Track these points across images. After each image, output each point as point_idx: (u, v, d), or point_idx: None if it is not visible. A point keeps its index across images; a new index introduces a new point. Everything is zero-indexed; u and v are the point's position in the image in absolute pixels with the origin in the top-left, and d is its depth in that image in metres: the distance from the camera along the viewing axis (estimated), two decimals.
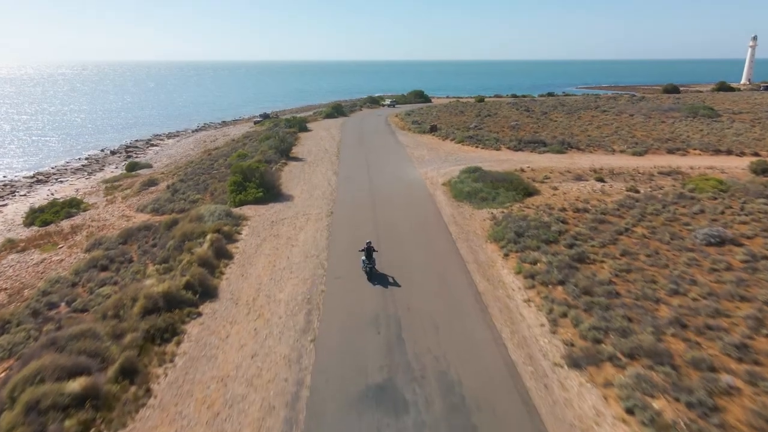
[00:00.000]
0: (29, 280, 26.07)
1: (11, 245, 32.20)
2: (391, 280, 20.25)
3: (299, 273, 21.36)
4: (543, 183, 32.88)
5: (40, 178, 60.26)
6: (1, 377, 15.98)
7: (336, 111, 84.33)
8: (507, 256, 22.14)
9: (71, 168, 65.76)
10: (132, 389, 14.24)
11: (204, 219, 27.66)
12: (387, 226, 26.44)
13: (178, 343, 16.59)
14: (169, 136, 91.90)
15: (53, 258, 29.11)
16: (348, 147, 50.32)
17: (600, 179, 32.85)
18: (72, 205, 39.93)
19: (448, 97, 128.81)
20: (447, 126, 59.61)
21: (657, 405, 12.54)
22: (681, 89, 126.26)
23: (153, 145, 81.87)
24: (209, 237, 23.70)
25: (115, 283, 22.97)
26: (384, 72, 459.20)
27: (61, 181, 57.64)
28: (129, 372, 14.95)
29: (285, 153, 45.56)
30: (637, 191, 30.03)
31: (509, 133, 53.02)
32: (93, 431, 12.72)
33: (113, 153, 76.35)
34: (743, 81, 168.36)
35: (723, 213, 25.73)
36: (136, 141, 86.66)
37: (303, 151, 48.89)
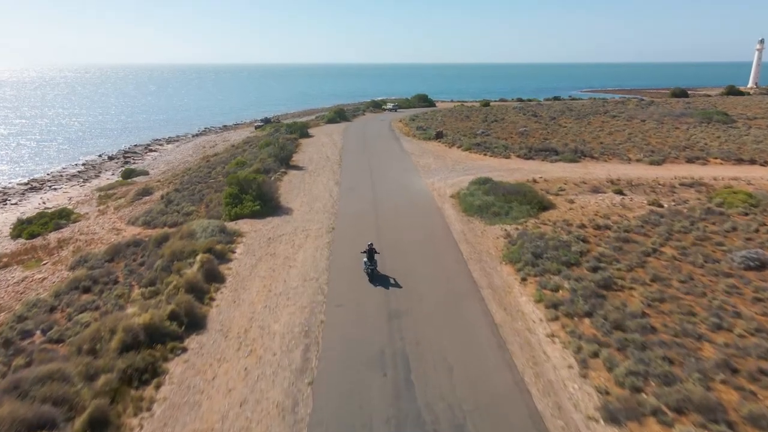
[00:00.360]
0: (7, 301, 24.18)
1: None
2: (400, 308, 18.32)
3: (297, 299, 19.42)
4: (558, 195, 30.90)
5: (34, 185, 58.48)
6: None
7: (338, 116, 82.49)
8: (525, 280, 20.17)
9: (67, 174, 63.98)
10: None
11: (196, 235, 25.75)
12: (393, 244, 24.49)
13: (158, 386, 14.65)
14: (169, 141, 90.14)
15: (35, 276, 27.24)
16: (350, 154, 48.42)
17: (619, 191, 30.85)
18: (61, 216, 38.11)
19: (452, 101, 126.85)
20: (453, 132, 57.67)
21: None
22: (689, 93, 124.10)
23: (152, 151, 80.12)
24: (199, 258, 21.79)
25: (97, 308, 21.03)
26: (387, 75, 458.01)
27: (55, 189, 55.84)
28: (99, 423, 13.05)
29: (285, 161, 43.69)
30: (661, 205, 28.05)
31: (518, 140, 51.06)
32: None
33: (111, 158, 74.59)
34: (750, 85, 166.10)
35: (757, 231, 23.72)
36: (134, 146, 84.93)
37: (304, 159, 47.01)
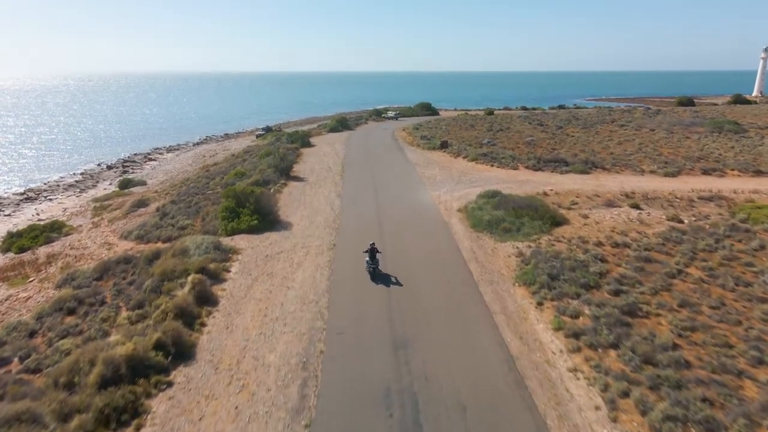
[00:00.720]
0: None
1: None
2: (407, 336, 16.81)
3: (294, 326, 17.92)
4: (571, 210, 29.41)
5: (29, 195, 57.25)
6: None
7: (340, 124, 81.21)
8: (541, 305, 18.64)
9: (64, 184, 62.77)
10: None
11: (189, 253, 24.30)
12: (398, 263, 22.99)
13: (138, 429, 13.16)
14: (169, 149, 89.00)
15: (20, 294, 25.79)
16: (353, 165, 47.02)
17: (635, 206, 29.35)
18: (53, 229, 36.73)
19: (456, 110, 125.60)
20: (458, 141, 56.26)
21: None
22: (695, 102, 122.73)
23: (151, 160, 78.97)
24: (191, 279, 20.31)
25: (80, 333, 19.55)
26: (390, 83, 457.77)
27: (50, 199, 54.58)
28: None
29: (285, 172, 42.29)
30: (681, 221, 26.53)
31: (525, 150, 49.62)
32: None
33: (110, 168, 73.44)
34: (755, 93, 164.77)
35: None
36: (134, 155, 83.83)
37: (305, 170, 45.63)
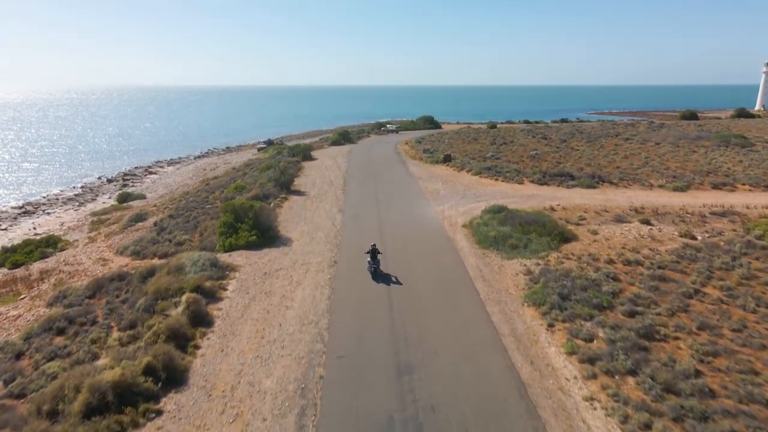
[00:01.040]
0: None
1: None
2: (411, 361, 15.88)
3: (293, 348, 17.01)
4: (579, 225, 28.55)
5: (28, 209, 56.60)
6: None
7: (342, 137, 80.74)
8: (552, 327, 17.71)
9: (63, 198, 62.15)
10: None
11: (185, 270, 23.45)
12: (402, 280, 22.13)
13: None
14: (170, 163, 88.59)
15: (10, 313, 24.90)
16: (355, 179, 46.30)
17: (645, 221, 28.47)
18: (48, 244, 35.94)
19: (458, 123, 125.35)
20: (461, 155, 55.56)
21: None
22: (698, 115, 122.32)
23: (152, 173, 78.45)
24: (185, 298, 19.43)
25: (68, 355, 18.66)
26: (391, 97, 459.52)
27: (48, 213, 53.91)
28: None
29: (285, 186, 41.54)
30: (694, 237, 25.64)
31: (530, 164, 48.86)
32: None
33: (110, 181, 72.92)
34: (758, 107, 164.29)
35: None
36: (135, 168, 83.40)
37: (306, 183, 44.90)
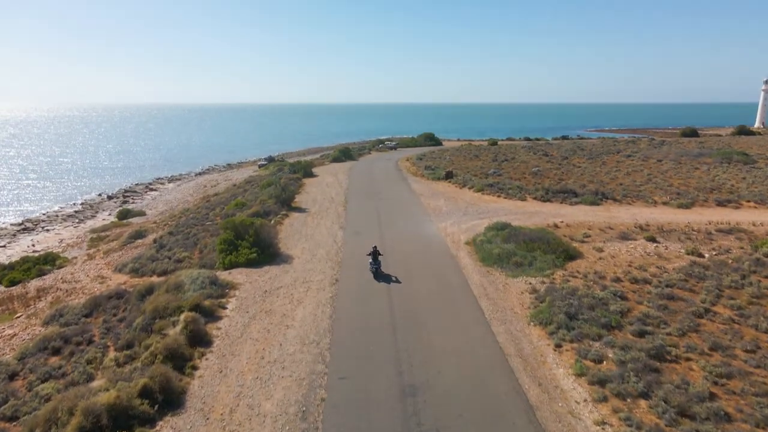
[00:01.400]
0: None
1: None
2: (415, 382, 15.40)
3: (294, 369, 16.54)
4: (584, 243, 28.17)
5: (27, 225, 56.31)
6: None
7: (343, 154, 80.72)
8: (559, 347, 17.25)
9: (63, 214, 61.87)
10: None
11: (184, 288, 23.05)
12: (403, 299, 21.72)
13: None
14: (171, 179, 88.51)
15: (6, 332, 24.45)
16: (356, 196, 46.04)
17: (651, 238, 28.10)
18: (46, 262, 35.59)
19: (459, 140, 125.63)
20: (463, 172, 55.39)
21: None
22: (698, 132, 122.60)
23: (152, 190, 78.32)
24: (183, 317, 19.00)
25: (63, 376, 18.23)
26: (392, 114, 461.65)
27: (48, 230, 53.58)
28: None
29: (286, 202, 41.26)
30: (701, 255, 25.25)
31: (532, 181, 48.65)
32: None
33: (110, 198, 72.71)
34: (757, 124, 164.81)
35: None
36: (136, 185, 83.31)
37: (307, 200, 44.63)
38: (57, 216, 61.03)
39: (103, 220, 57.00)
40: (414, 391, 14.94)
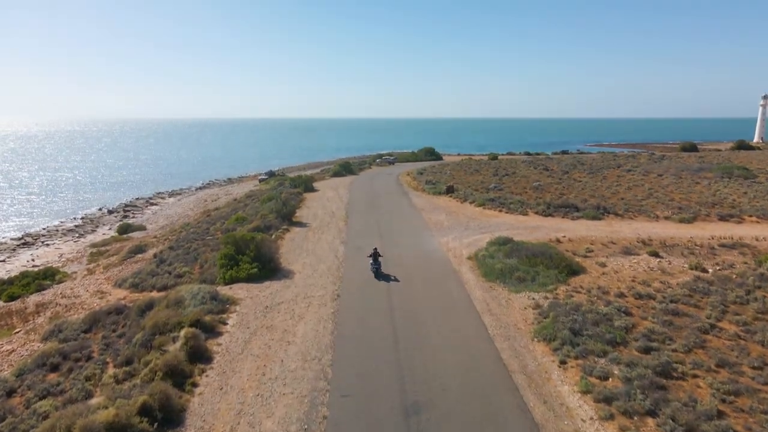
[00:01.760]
0: None
1: None
2: (418, 400, 15.18)
3: (295, 386, 16.31)
4: (586, 258, 28.04)
5: (27, 240, 56.25)
6: None
7: (344, 169, 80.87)
8: (564, 363, 17.04)
9: (63, 229, 61.82)
10: None
11: (184, 303, 22.86)
12: (406, 315, 21.52)
13: None
14: (171, 194, 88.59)
15: (4, 347, 24.28)
16: (357, 210, 45.98)
17: (654, 253, 27.98)
18: (46, 276, 35.44)
19: (459, 155, 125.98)
20: (464, 186, 55.42)
21: None
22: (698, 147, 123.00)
23: (153, 204, 78.34)
24: (184, 333, 18.80)
25: (62, 393, 17.99)
26: (392, 129, 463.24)
27: (48, 245, 53.49)
28: None
29: (287, 217, 41.18)
30: (705, 270, 25.10)
31: (533, 195, 48.63)
32: None
33: (111, 212, 72.69)
34: (756, 139, 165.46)
35: None
36: (136, 199, 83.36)
37: (308, 215, 44.56)
38: (57, 230, 60.95)
39: (104, 234, 56.90)
40: (418, 409, 14.72)
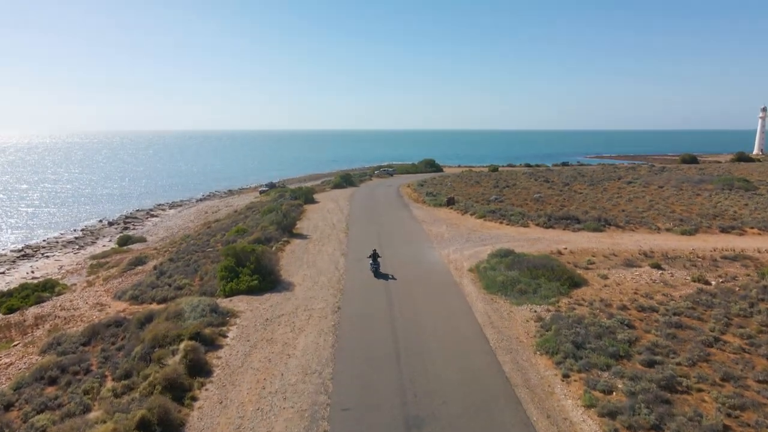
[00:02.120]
0: None
1: None
2: (420, 413, 14.99)
3: (295, 400, 16.13)
4: (588, 270, 27.91)
5: (27, 252, 56.10)
6: None
7: (345, 180, 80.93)
8: (567, 377, 16.86)
9: (63, 241, 61.71)
10: None
11: (184, 316, 22.72)
12: (407, 327, 21.37)
13: None
14: (172, 205, 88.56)
15: (2, 360, 24.03)
16: (358, 222, 45.92)
17: (656, 265, 27.86)
18: (45, 289, 35.25)
19: (459, 166, 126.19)
20: (464, 198, 55.40)
21: None
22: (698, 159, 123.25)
23: (153, 216, 78.26)
24: (183, 346, 18.66)
25: (59, 407, 17.76)
26: (392, 141, 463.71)
27: (48, 256, 53.33)
28: None
29: (288, 229, 41.09)
30: (708, 282, 24.97)
31: (534, 207, 48.58)
32: None
33: (111, 224, 72.59)
34: (756, 151, 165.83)
35: None
36: (137, 211, 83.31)
37: (308, 227, 44.48)
38: (57, 242, 60.85)
39: (104, 246, 56.78)
40: (419, 423, 14.54)
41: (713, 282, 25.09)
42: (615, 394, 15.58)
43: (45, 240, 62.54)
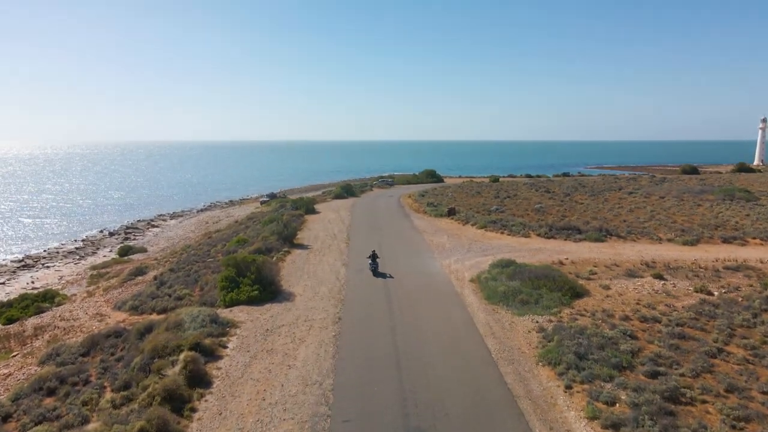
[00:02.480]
0: None
1: None
2: (422, 425, 14.84)
3: (296, 411, 15.99)
4: (590, 280, 27.81)
5: (27, 262, 56.06)
6: None
7: (345, 191, 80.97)
8: (570, 388, 16.71)
9: (63, 251, 61.68)
10: None
11: (184, 326, 22.60)
12: (408, 337, 21.24)
13: None
14: (173, 216, 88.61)
15: (1, 371, 23.91)
16: (359, 232, 45.86)
17: (658, 276, 27.76)
18: (45, 299, 35.16)
19: (460, 177, 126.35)
20: (465, 208, 55.37)
21: None
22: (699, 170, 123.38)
23: (154, 226, 78.30)
24: (183, 356, 18.55)
25: (58, 418, 17.60)
26: (392, 152, 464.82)
27: (48, 267, 53.28)
28: None
29: (288, 239, 41.04)
30: (710, 293, 24.85)
31: (535, 217, 48.54)
32: None
33: (112, 234, 72.61)
34: (756, 162, 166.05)
35: None
36: (138, 221, 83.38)
37: (309, 237, 44.43)
38: (57, 252, 60.81)
39: (104, 256, 56.74)
40: None
41: (716, 292, 24.97)
42: (618, 405, 15.43)
43: (45, 250, 62.50)
